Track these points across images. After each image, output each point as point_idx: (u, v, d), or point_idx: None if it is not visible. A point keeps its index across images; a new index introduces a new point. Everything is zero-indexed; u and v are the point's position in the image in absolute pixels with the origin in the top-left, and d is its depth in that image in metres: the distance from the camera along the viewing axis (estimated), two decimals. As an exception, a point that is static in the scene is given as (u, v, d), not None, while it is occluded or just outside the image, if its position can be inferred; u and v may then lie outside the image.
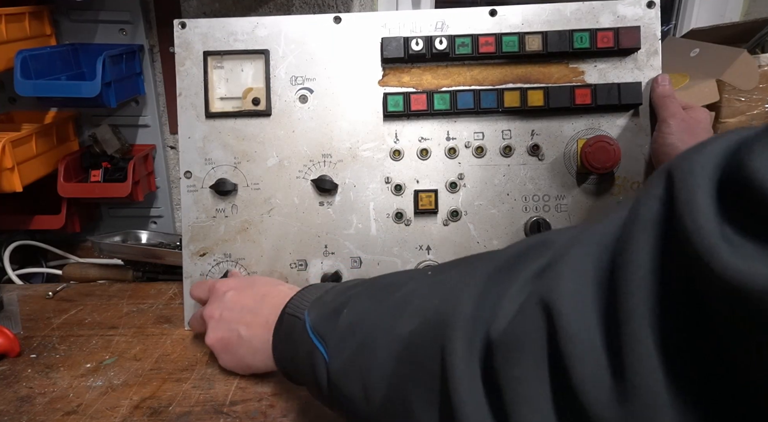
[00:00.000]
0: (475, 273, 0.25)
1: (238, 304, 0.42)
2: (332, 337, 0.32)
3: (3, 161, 0.61)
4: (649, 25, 0.54)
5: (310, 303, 0.36)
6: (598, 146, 0.53)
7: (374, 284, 0.33)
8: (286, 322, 0.37)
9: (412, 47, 0.53)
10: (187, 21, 0.55)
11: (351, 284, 0.36)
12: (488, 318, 0.22)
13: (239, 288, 0.44)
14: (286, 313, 0.37)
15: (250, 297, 0.42)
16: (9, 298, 0.59)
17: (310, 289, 0.39)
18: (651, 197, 0.18)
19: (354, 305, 0.32)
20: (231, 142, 0.56)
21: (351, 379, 0.30)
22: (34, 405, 0.46)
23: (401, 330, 0.27)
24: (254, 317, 0.41)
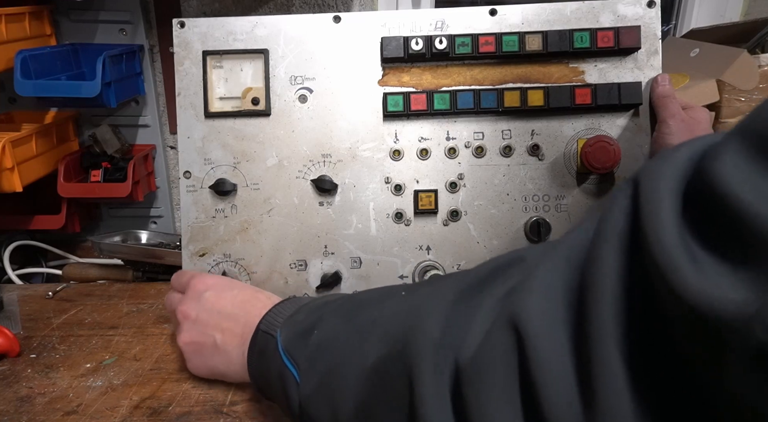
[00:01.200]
0: (443, 295, 0.24)
1: (215, 307, 0.40)
2: (303, 359, 0.31)
3: (3, 161, 0.61)
4: (650, 25, 0.54)
5: (283, 321, 0.35)
6: (598, 146, 0.53)
7: (346, 303, 0.33)
8: (260, 339, 0.36)
9: (412, 47, 0.53)
10: (186, 20, 0.55)
11: (324, 301, 0.36)
12: (456, 344, 0.22)
13: (218, 289, 0.42)
14: (260, 330, 0.36)
15: (229, 302, 0.40)
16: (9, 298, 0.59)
17: (286, 304, 0.38)
18: (617, 210, 0.18)
19: (324, 326, 0.31)
20: (230, 142, 0.56)
21: (321, 404, 0.29)
22: (33, 405, 0.46)
23: (369, 356, 0.26)
24: (232, 325, 0.39)
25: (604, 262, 0.17)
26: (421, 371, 0.22)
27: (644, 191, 0.17)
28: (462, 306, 0.23)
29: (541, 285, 0.20)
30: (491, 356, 0.20)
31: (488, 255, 0.56)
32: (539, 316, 0.19)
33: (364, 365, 0.27)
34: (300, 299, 0.38)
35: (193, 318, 0.41)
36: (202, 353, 0.41)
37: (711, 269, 0.14)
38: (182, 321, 0.42)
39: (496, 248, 0.56)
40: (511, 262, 0.24)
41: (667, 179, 0.16)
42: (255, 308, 0.39)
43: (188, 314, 0.42)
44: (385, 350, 0.25)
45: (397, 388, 0.24)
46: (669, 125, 0.52)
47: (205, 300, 0.41)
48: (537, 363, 0.18)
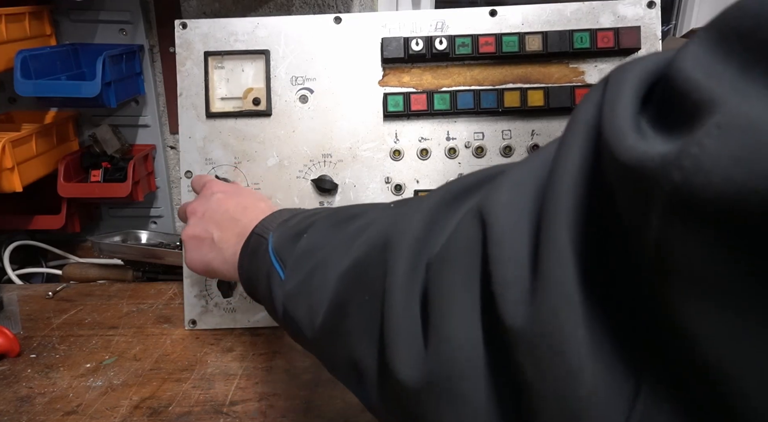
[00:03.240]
0: (428, 201, 0.25)
1: (220, 208, 0.42)
2: (290, 260, 0.32)
3: (3, 161, 0.60)
4: (650, 25, 0.54)
5: (276, 225, 0.36)
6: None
7: (337, 212, 0.33)
8: (253, 241, 0.37)
9: (413, 47, 0.53)
10: (188, 21, 0.55)
11: (316, 211, 0.37)
12: (433, 242, 0.22)
13: (227, 193, 0.44)
14: (255, 232, 0.38)
15: (233, 205, 0.42)
16: (9, 298, 0.59)
17: (282, 212, 0.39)
18: (588, 102, 0.18)
19: (314, 231, 0.32)
20: (231, 142, 0.56)
21: (300, 301, 0.30)
22: (33, 405, 0.46)
23: (350, 256, 0.27)
24: (231, 225, 0.41)
25: (569, 149, 0.18)
26: (397, 264, 0.23)
27: (611, 82, 0.17)
28: (444, 210, 0.24)
29: (512, 180, 0.20)
30: (457, 246, 0.21)
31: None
32: (505, 206, 0.19)
33: (344, 264, 0.27)
34: (293, 209, 0.39)
35: (200, 214, 0.43)
36: (201, 248, 0.42)
37: (650, 135, 0.15)
38: (190, 217, 0.44)
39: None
40: (495, 173, 0.24)
41: (635, 70, 0.17)
42: (254, 213, 0.41)
43: (196, 210, 0.44)
44: (366, 249, 0.26)
45: (372, 283, 0.24)
46: None
47: (213, 201, 0.43)
48: (494, 242, 0.19)
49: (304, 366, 0.51)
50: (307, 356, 0.53)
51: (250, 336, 0.56)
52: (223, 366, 0.51)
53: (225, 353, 0.53)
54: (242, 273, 0.38)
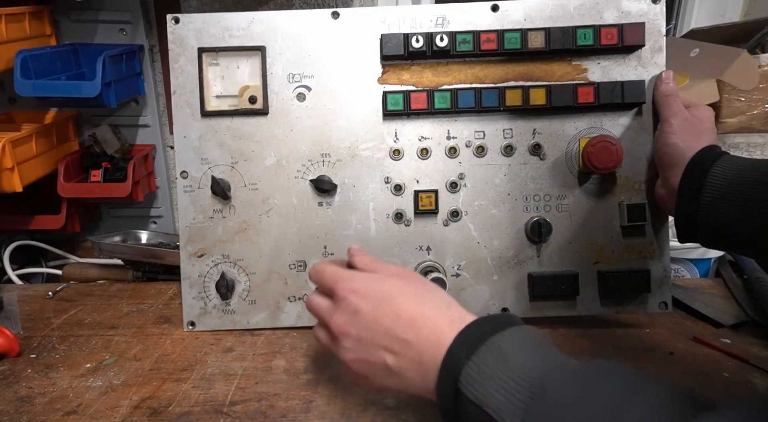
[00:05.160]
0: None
1: (377, 325, 0.36)
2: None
3: (3, 161, 0.60)
4: (654, 21, 0.54)
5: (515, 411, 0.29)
6: (601, 146, 0.53)
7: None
8: (468, 410, 0.31)
9: (413, 44, 0.53)
10: (181, 16, 0.54)
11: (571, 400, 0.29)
12: None
13: (373, 301, 0.37)
14: (466, 397, 0.31)
15: (391, 319, 0.36)
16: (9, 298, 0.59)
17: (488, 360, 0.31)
18: None
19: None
20: (228, 141, 0.55)
21: None
22: (33, 405, 0.46)
23: None
24: (403, 348, 0.35)
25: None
26: None
27: None
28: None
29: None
30: None
31: (489, 255, 0.56)
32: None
33: None
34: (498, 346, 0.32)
35: (355, 336, 0.37)
36: (375, 372, 0.37)
37: None
38: (341, 338, 0.38)
39: (497, 248, 0.56)
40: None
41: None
42: (426, 325, 0.35)
43: (347, 332, 0.38)
44: None
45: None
46: (671, 123, 0.52)
47: (363, 317, 0.37)
48: None
49: (304, 366, 0.51)
50: (307, 356, 0.53)
51: (250, 336, 0.56)
52: (223, 366, 0.51)
53: (225, 353, 0.53)
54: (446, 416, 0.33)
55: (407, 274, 0.40)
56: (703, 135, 0.51)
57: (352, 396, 0.47)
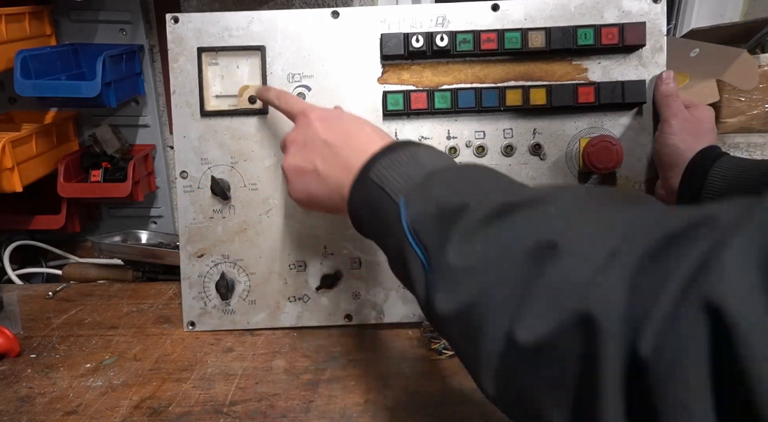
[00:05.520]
0: (625, 253, 0.21)
1: (321, 136, 0.40)
2: (436, 262, 0.28)
3: (3, 161, 0.60)
4: (655, 21, 0.54)
5: (406, 189, 0.32)
6: (601, 146, 0.53)
7: (486, 198, 0.28)
8: (371, 190, 0.34)
9: (413, 44, 0.53)
10: (180, 15, 0.54)
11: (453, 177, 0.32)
12: (639, 321, 0.19)
13: (327, 120, 0.42)
14: (371, 179, 0.34)
15: (335, 132, 0.40)
16: (9, 298, 0.59)
17: (400, 156, 0.34)
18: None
19: (465, 235, 0.27)
20: (227, 141, 0.55)
21: (456, 329, 0.27)
22: (34, 405, 0.46)
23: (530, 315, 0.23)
24: (334, 154, 0.39)
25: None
26: (607, 354, 0.20)
27: None
28: (645, 275, 0.20)
29: (741, 262, 0.17)
30: (682, 342, 0.18)
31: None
32: (744, 302, 0.17)
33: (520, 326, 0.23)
34: (414, 151, 0.34)
35: (300, 144, 0.42)
36: (304, 178, 0.41)
37: None
38: (290, 146, 0.43)
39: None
40: (703, 220, 0.20)
41: None
42: (359, 142, 0.38)
43: (296, 139, 0.42)
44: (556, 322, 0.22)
45: (565, 362, 0.21)
46: (671, 124, 0.52)
47: (313, 128, 0.41)
48: (748, 357, 0.16)
49: (304, 366, 0.51)
50: (307, 356, 0.53)
51: (250, 336, 0.56)
52: (223, 366, 0.51)
53: (225, 353, 0.53)
54: (355, 216, 0.37)
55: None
56: (703, 136, 0.51)
57: (352, 396, 0.47)
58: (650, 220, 0.23)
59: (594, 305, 0.20)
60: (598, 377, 0.20)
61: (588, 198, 0.28)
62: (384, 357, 0.52)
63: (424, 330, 0.56)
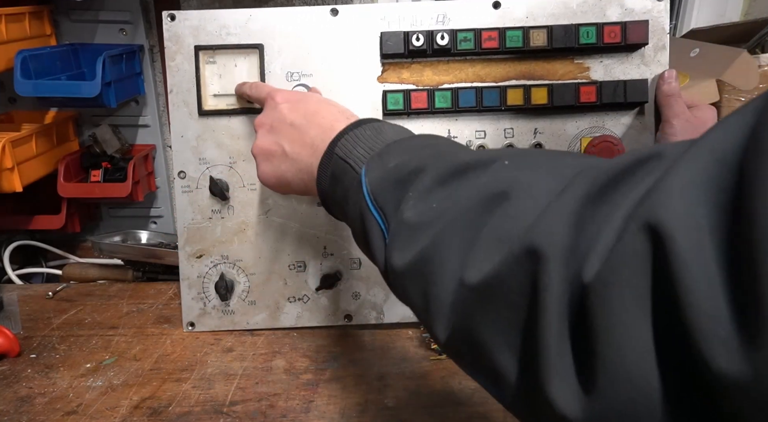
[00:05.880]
0: (572, 190, 0.21)
1: (288, 118, 0.41)
2: (393, 218, 0.29)
3: (3, 161, 0.60)
4: (658, 19, 0.53)
5: (367, 158, 0.33)
6: (603, 146, 0.53)
7: (441, 160, 0.29)
8: (336, 164, 0.35)
9: (413, 43, 0.52)
10: (177, 13, 0.53)
11: (413, 145, 0.33)
12: (584, 252, 0.19)
13: (292, 102, 0.42)
14: (336, 154, 0.35)
15: (301, 113, 0.41)
16: (9, 298, 0.59)
17: (366, 133, 0.35)
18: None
19: (421, 192, 0.28)
20: (226, 141, 0.55)
21: (412, 286, 0.27)
22: (34, 405, 0.46)
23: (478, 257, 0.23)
24: (300, 135, 0.40)
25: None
26: (551, 282, 0.20)
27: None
28: (591, 208, 0.20)
29: (684, 184, 0.17)
30: (623, 263, 0.18)
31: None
32: (682, 216, 0.17)
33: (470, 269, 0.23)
34: (378, 126, 0.36)
35: (267, 127, 0.42)
36: (272, 160, 0.41)
37: None
38: (258, 129, 0.43)
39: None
40: (649, 156, 0.20)
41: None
42: (325, 119, 0.39)
43: (263, 123, 0.43)
44: (502, 256, 0.22)
45: (512, 296, 0.21)
46: (673, 125, 0.51)
47: (279, 111, 0.42)
48: (680, 269, 0.16)
49: (304, 366, 0.51)
50: (307, 356, 0.52)
51: (250, 337, 0.56)
52: (223, 366, 0.51)
53: (225, 353, 0.53)
54: (322, 190, 0.37)
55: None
56: None
57: (352, 396, 0.47)
58: (599, 162, 0.23)
59: (539, 238, 0.21)
60: (541, 307, 0.20)
61: (539, 153, 0.29)
62: (384, 357, 0.52)
63: (424, 330, 0.56)
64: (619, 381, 0.18)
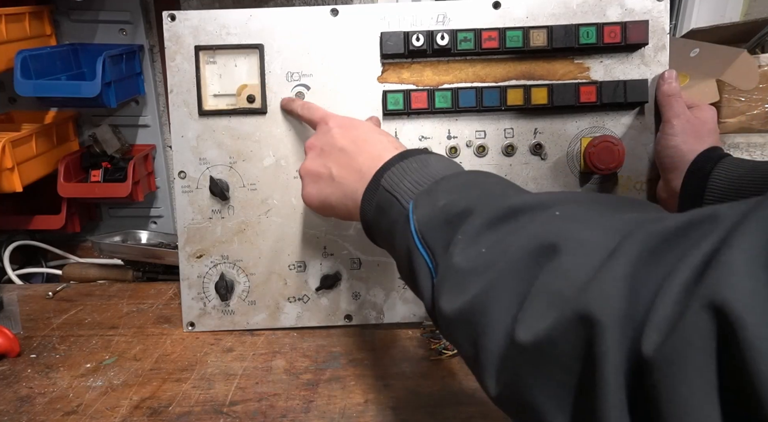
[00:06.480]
0: (624, 251, 0.21)
1: (338, 143, 0.42)
2: (443, 264, 0.29)
3: (3, 161, 0.60)
4: (658, 19, 0.53)
5: (415, 194, 0.33)
6: (603, 146, 0.53)
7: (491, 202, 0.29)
8: (382, 197, 0.35)
9: (413, 43, 0.52)
10: (177, 13, 0.53)
11: (461, 183, 0.33)
12: (642, 320, 0.19)
13: (345, 127, 0.43)
14: (383, 186, 0.35)
15: (351, 139, 0.41)
16: (9, 298, 0.59)
17: (411, 164, 0.36)
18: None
19: (470, 237, 0.28)
20: (226, 141, 0.55)
21: (461, 331, 0.27)
22: (34, 405, 0.46)
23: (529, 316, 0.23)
24: (348, 160, 0.40)
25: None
26: (609, 351, 0.19)
27: None
28: (645, 272, 0.20)
29: (747, 260, 0.17)
30: (687, 340, 0.17)
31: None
32: (749, 299, 0.16)
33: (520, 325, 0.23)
34: (424, 159, 0.36)
35: (318, 150, 0.43)
36: (318, 182, 0.42)
37: None
38: (308, 151, 0.44)
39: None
40: (703, 218, 0.20)
41: None
42: (375, 148, 0.40)
43: (314, 145, 0.44)
44: (554, 319, 0.22)
45: (565, 360, 0.21)
46: (673, 125, 0.51)
47: (330, 135, 0.43)
48: (752, 354, 0.16)
49: (304, 366, 0.51)
50: (307, 356, 0.52)
51: (250, 337, 0.56)
52: (223, 366, 0.51)
53: (225, 353, 0.53)
54: (365, 222, 0.38)
55: None
56: (705, 137, 0.51)
57: (352, 396, 0.47)
58: (651, 219, 0.22)
59: (593, 303, 0.20)
60: (599, 377, 0.20)
61: (591, 202, 0.28)
62: (384, 357, 0.52)
63: (424, 330, 0.56)
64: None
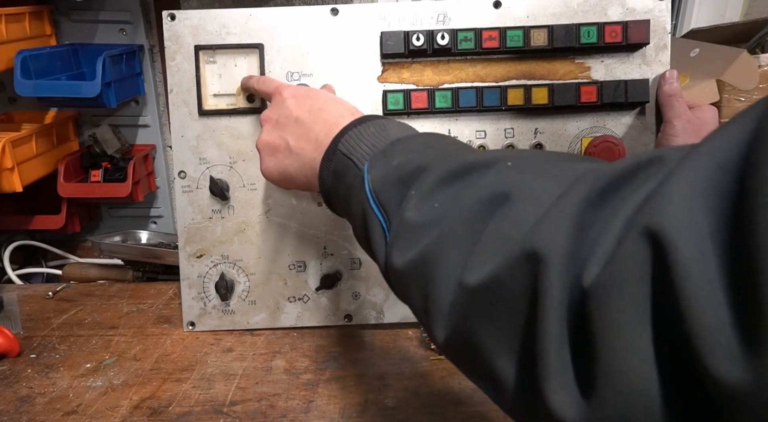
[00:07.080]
0: (573, 194, 0.21)
1: (294, 113, 0.41)
2: (395, 219, 0.29)
3: (3, 161, 0.60)
4: (659, 18, 0.53)
5: (371, 155, 0.33)
6: (604, 147, 0.52)
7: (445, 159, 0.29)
8: (339, 160, 0.35)
9: (413, 42, 0.52)
10: (177, 13, 0.53)
11: (417, 144, 0.33)
12: (585, 257, 0.19)
13: (299, 97, 0.42)
14: (339, 151, 0.35)
15: (306, 108, 0.41)
16: (9, 298, 0.59)
17: (370, 129, 0.35)
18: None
19: (424, 192, 0.28)
20: (226, 141, 0.55)
21: (412, 285, 0.27)
22: (34, 405, 0.46)
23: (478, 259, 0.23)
24: (305, 130, 0.40)
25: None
26: (552, 286, 0.20)
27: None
28: (591, 212, 0.20)
29: (684, 190, 0.17)
30: (624, 269, 0.18)
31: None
32: (683, 224, 0.17)
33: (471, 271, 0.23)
34: (382, 123, 0.36)
35: (273, 122, 0.42)
36: (276, 154, 0.41)
37: None
38: (264, 124, 0.43)
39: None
40: (650, 160, 0.21)
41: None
42: (331, 115, 0.39)
43: (269, 118, 0.43)
44: (503, 259, 0.22)
45: (512, 299, 0.22)
46: (674, 125, 0.51)
47: (285, 106, 0.42)
48: (682, 276, 0.16)
49: (304, 366, 0.51)
50: (307, 356, 0.52)
51: (250, 337, 0.56)
52: (223, 366, 0.51)
53: (225, 353, 0.53)
54: (323, 186, 0.37)
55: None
56: None
57: (352, 396, 0.47)
58: (600, 166, 0.23)
59: (539, 241, 0.21)
60: (540, 311, 0.20)
61: (543, 155, 0.29)
62: (384, 357, 0.52)
63: (423, 330, 0.55)
64: (619, 387, 0.18)
